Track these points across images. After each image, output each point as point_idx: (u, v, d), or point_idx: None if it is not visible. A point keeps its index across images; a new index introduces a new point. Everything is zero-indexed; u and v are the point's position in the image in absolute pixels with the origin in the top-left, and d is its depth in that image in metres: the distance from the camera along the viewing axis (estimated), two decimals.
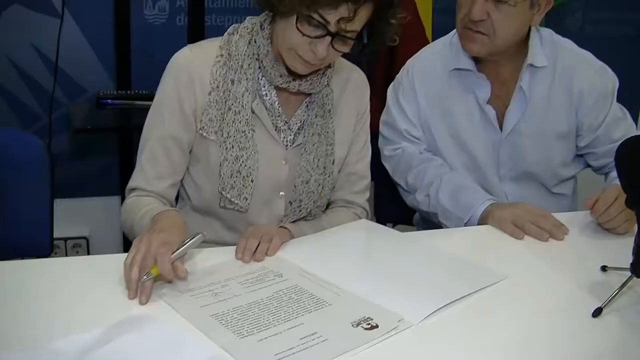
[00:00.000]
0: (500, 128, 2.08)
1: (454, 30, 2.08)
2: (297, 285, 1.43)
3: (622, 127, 2.11)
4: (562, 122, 2.08)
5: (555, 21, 2.15)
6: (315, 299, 1.37)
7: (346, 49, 1.61)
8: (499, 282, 1.49)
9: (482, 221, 1.92)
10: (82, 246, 3.35)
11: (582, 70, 2.06)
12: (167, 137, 1.72)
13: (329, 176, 1.82)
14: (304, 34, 1.56)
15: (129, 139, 3.15)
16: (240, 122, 1.69)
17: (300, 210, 1.80)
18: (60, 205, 2.14)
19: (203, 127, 1.70)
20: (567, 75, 2.05)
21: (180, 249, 1.40)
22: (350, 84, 1.87)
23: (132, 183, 1.76)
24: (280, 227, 1.74)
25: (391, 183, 2.25)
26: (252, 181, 1.72)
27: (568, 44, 2.11)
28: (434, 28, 3.31)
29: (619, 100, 2.12)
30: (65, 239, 3.30)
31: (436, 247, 1.69)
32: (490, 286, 1.47)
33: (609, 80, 2.09)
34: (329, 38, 1.56)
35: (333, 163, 1.83)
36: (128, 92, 3.07)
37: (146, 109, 1.75)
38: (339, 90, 1.85)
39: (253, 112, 1.71)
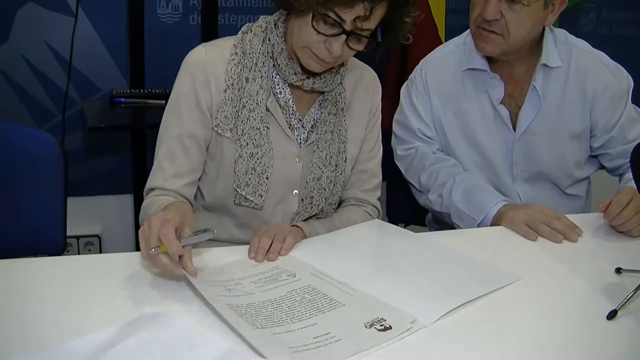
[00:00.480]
0: (514, 128, 2.08)
1: (468, 30, 2.08)
2: (310, 286, 1.43)
3: (637, 127, 2.10)
4: (576, 122, 2.07)
5: (569, 22, 2.14)
6: (329, 299, 1.37)
7: (360, 47, 1.62)
8: (512, 284, 1.48)
9: (495, 222, 1.91)
10: (94, 244, 3.36)
11: (596, 70, 2.05)
12: (184, 134, 1.71)
13: (340, 174, 1.83)
14: (319, 32, 1.56)
15: (142, 137, 3.16)
16: (254, 119, 1.69)
17: (311, 207, 1.80)
18: (73, 203, 2.14)
19: (218, 125, 1.71)
20: (581, 75, 2.04)
21: (189, 237, 1.38)
22: (363, 83, 1.88)
23: (150, 183, 1.74)
24: (292, 225, 1.74)
25: (403, 183, 2.25)
26: (267, 178, 1.72)
27: (582, 44, 2.10)
28: (447, 28, 3.31)
29: (633, 100, 2.11)
30: (78, 237, 3.31)
31: (449, 247, 1.69)
32: (503, 287, 1.46)
33: (623, 80, 2.08)
34: (344, 36, 1.56)
35: (345, 161, 1.84)
36: (141, 90, 3.08)
37: (160, 108, 1.75)
38: (352, 88, 1.85)
39: (267, 109, 1.72)
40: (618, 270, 1.55)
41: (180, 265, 1.36)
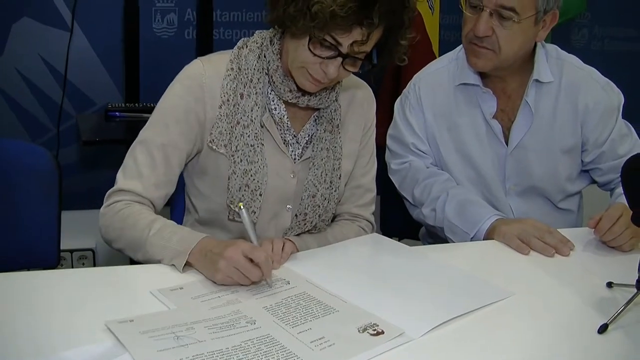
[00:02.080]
0: (506, 142, 2.09)
1: (460, 46, 2.10)
2: (305, 293, 1.45)
3: (628, 143, 2.11)
4: (568, 137, 2.08)
5: (561, 37, 2.16)
6: (323, 306, 1.39)
7: (356, 69, 1.63)
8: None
9: (488, 236, 1.92)
10: (88, 258, 3.35)
11: (587, 86, 2.07)
12: (168, 145, 1.71)
13: (335, 190, 1.83)
14: (315, 55, 1.57)
15: None
16: (249, 135, 1.70)
17: (305, 224, 1.81)
18: (67, 217, 2.14)
19: (213, 140, 1.70)
20: (573, 91, 2.06)
21: (251, 235, 1.53)
22: (357, 99, 1.89)
23: (126, 184, 1.71)
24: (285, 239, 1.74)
25: (397, 197, 2.25)
26: (260, 195, 1.72)
27: (573, 59, 2.12)
28: (440, 43, 3.33)
29: (624, 116, 2.12)
30: (72, 251, 3.31)
31: (442, 262, 1.69)
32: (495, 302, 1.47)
33: (614, 96, 2.10)
34: (340, 59, 1.57)
35: (339, 177, 1.84)
36: (136, 104, 3.09)
37: None
38: (346, 105, 1.86)
39: (262, 125, 1.72)
40: (609, 285, 1.55)
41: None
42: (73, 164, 3.26)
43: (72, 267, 3.27)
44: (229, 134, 1.70)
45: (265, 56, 1.71)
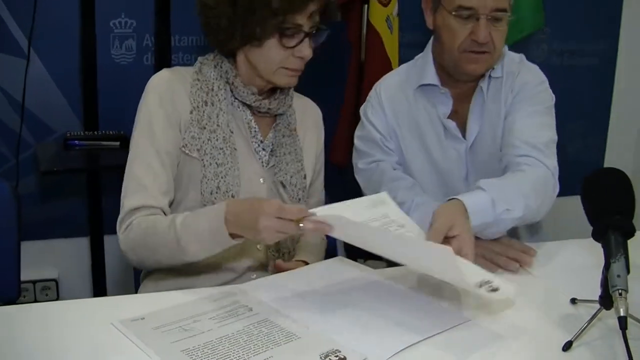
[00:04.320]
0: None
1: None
2: (267, 319, 1.44)
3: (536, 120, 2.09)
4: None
5: (520, 52, 2.19)
6: (285, 332, 1.38)
7: (317, 43, 1.75)
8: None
9: None
10: (51, 289, 3.30)
11: (523, 69, 2.13)
12: (161, 151, 1.73)
13: (300, 189, 1.88)
14: (287, 47, 1.71)
15: (97, 180, 3.13)
16: (217, 139, 1.74)
17: None
18: (29, 248, 2.11)
19: (186, 145, 1.75)
20: (511, 78, 2.11)
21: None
22: (309, 111, 2.01)
23: (133, 203, 1.70)
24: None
25: None
26: (232, 196, 1.73)
27: (531, 65, 2.17)
28: (400, 62, 3.33)
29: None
30: (34, 282, 3.25)
31: (406, 285, 1.68)
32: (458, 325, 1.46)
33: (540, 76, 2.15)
34: (307, 39, 1.70)
35: (304, 177, 1.90)
36: (96, 132, 3.04)
37: (114, 150, 1.72)
38: (300, 113, 1.96)
39: (232, 132, 1.78)
40: (573, 301, 1.56)
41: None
42: (32, 194, 3.20)
43: (35, 298, 3.23)
44: (199, 138, 1.75)
45: (222, 66, 1.79)
